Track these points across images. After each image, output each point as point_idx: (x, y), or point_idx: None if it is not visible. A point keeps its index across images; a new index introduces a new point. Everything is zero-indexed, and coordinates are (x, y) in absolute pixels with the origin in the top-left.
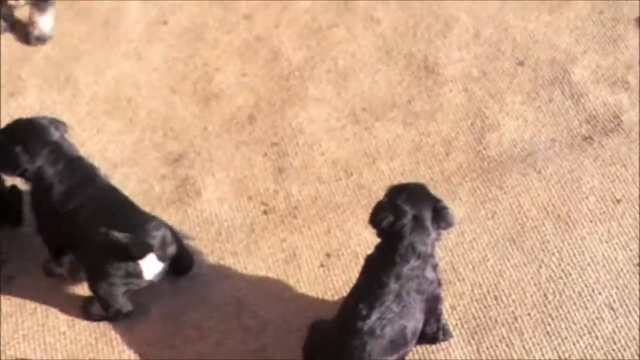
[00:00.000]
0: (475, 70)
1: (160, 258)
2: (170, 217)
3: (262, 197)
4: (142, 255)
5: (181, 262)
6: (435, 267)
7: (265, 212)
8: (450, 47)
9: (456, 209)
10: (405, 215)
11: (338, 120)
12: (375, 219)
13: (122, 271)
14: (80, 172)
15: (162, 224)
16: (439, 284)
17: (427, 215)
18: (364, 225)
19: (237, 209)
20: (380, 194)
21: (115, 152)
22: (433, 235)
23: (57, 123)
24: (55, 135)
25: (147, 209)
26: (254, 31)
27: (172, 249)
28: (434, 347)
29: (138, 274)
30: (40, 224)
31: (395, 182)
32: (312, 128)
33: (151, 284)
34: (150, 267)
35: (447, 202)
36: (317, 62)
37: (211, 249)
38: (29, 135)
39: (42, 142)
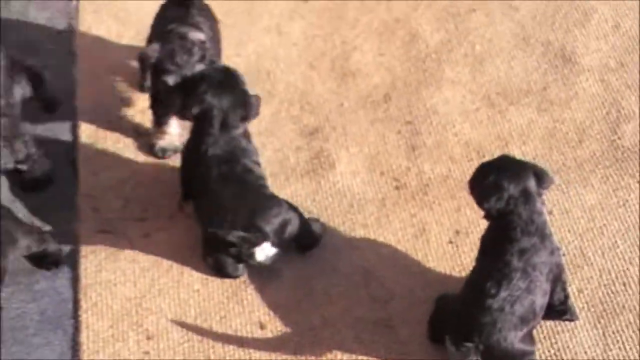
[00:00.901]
0: (612, 61)
1: (275, 245)
2: (304, 187)
3: (394, 172)
4: (256, 244)
5: (303, 242)
6: (550, 235)
7: (397, 188)
8: (589, 37)
9: (588, 196)
10: (513, 192)
11: (472, 103)
12: (487, 204)
13: (233, 251)
14: (236, 145)
15: (282, 210)
16: (559, 250)
17: (531, 184)
18: None
19: (369, 183)
20: None
21: (253, 122)
22: (539, 201)
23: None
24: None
25: (281, 177)
26: (393, 13)
27: (291, 233)
28: (559, 327)
29: (250, 256)
30: (182, 164)
31: None
32: (446, 109)
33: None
34: (264, 251)
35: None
36: (454, 45)
37: (342, 220)
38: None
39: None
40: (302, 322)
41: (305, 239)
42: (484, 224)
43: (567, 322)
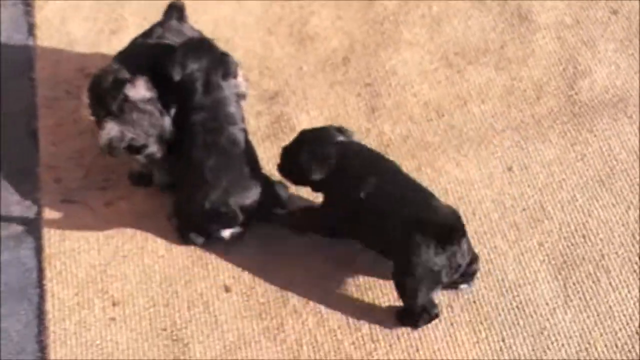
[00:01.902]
0: (568, 18)
1: (242, 223)
2: (266, 151)
3: (355, 134)
4: (225, 226)
5: (268, 208)
6: None
7: None
8: None
9: (546, 151)
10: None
11: (431, 63)
12: (314, 175)
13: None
14: (221, 110)
15: (258, 191)
16: None
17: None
18: (454, 163)
19: None
20: (471, 135)
21: None
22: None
23: None
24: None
25: None
26: None
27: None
28: (521, 281)
29: (214, 232)
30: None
31: (487, 123)
32: (405, 70)
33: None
34: (229, 230)
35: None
36: (411, 7)
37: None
38: None
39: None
40: (267, 284)
41: (271, 205)
42: (444, 182)
43: (529, 275)
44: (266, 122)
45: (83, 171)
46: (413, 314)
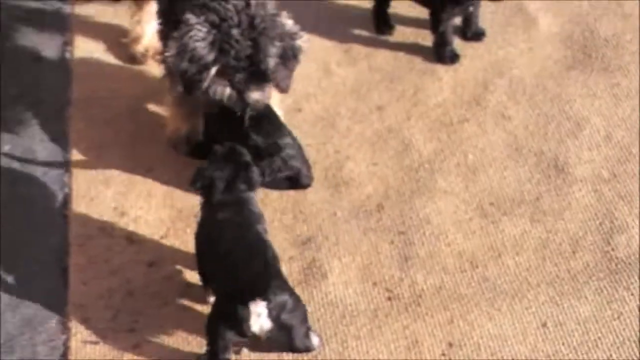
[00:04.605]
0: (605, 171)
1: (272, 318)
2: None
3: (386, 283)
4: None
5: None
6: None
7: (389, 299)
8: (581, 148)
9: (582, 308)
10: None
11: (465, 213)
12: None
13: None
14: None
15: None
16: None
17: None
18: (487, 317)
19: (361, 294)
20: (505, 288)
21: None
22: None
23: None
24: None
25: None
26: (386, 122)
27: (286, 322)
28: None
29: (244, 320)
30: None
31: (521, 277)
32: (439, 219)
33: None
34: (259, 320)
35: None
36: (447, 155)
37: (334, 331)
38: None
39: None
40: None
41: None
42: (477, 337)
43: None
44: (298, 267)
45: (112, 312)
46: None
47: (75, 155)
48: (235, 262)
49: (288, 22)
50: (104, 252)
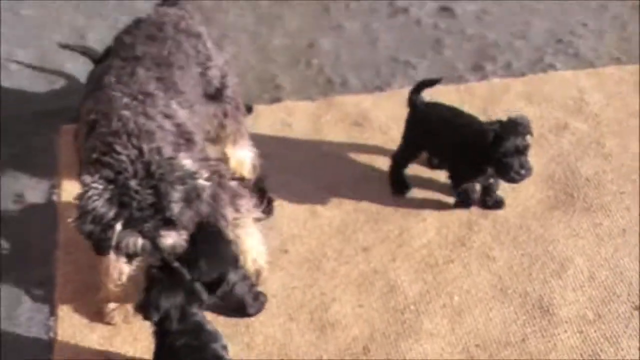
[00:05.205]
0: (590, 312)
1: None
2: None
3: None
4: None
5: None
6: None
7: None
8: (565, 288)
9: None
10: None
11: (451, 356)
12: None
13: None
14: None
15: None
16: None
17: None
18: None
19: None
20: None
21: None
22: None
23: None
24: None
25: None
26: (372, 264)
27: None
28: None
29: None
30: None
31: None
32: None
33: None
34: None
35: None
36: (432, 296)
37: None
38: None
39: None
40: None
41: None
42: None
43: None
44: None
45: None
46: None
47: (62, 298)
48: None
49: (187, 163)
50: None
